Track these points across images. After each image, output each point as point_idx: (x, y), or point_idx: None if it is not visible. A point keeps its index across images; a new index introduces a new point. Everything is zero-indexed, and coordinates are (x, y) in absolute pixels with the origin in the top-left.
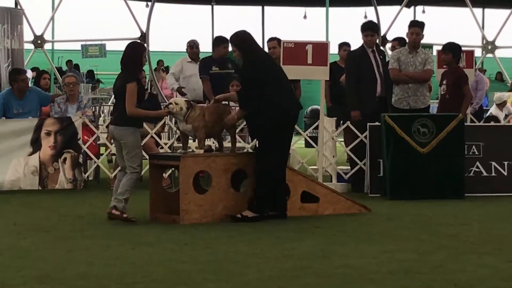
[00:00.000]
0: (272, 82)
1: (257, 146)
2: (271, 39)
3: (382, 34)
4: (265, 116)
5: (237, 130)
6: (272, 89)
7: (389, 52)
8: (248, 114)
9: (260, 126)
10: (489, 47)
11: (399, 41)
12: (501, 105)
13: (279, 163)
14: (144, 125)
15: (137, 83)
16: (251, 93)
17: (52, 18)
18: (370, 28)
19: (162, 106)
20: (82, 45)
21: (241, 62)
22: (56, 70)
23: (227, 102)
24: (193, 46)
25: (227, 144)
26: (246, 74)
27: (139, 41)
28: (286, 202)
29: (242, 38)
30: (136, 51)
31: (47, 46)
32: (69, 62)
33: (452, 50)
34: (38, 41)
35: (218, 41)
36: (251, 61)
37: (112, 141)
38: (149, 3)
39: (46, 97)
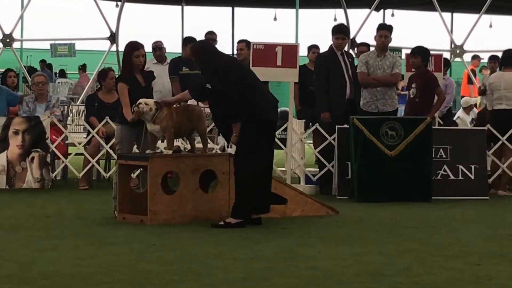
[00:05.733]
0: (242, 85)
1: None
2: (240, 41)
3: (351, 37)
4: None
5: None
6: (247, 90)
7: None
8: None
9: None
10: (458, 51)
11: (367, 47)
12: (468, 109)
13: (259, 165)
14: (112, 124)
15: (126, 83)
16: (219, 102)
17: (21, 17)
18: (341, 31)
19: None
20: (51, 44)
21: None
22: (25, 69)
23: (196, 103)
24: (156, 49)
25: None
26: (210, 83)
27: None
28: (268, 206)
29: (198, 51)
30: (125, 51)
31: (16, 44)
32: (42, 61)
33: (421, 53)
34: (7, 39)
35: (187, 42)
36: (210, 72)
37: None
38: (119, 3)
39: (15, 97)
